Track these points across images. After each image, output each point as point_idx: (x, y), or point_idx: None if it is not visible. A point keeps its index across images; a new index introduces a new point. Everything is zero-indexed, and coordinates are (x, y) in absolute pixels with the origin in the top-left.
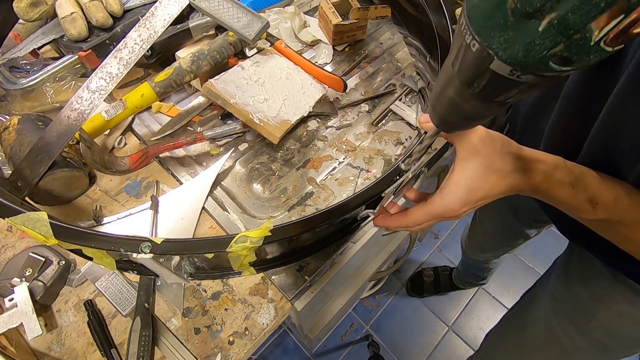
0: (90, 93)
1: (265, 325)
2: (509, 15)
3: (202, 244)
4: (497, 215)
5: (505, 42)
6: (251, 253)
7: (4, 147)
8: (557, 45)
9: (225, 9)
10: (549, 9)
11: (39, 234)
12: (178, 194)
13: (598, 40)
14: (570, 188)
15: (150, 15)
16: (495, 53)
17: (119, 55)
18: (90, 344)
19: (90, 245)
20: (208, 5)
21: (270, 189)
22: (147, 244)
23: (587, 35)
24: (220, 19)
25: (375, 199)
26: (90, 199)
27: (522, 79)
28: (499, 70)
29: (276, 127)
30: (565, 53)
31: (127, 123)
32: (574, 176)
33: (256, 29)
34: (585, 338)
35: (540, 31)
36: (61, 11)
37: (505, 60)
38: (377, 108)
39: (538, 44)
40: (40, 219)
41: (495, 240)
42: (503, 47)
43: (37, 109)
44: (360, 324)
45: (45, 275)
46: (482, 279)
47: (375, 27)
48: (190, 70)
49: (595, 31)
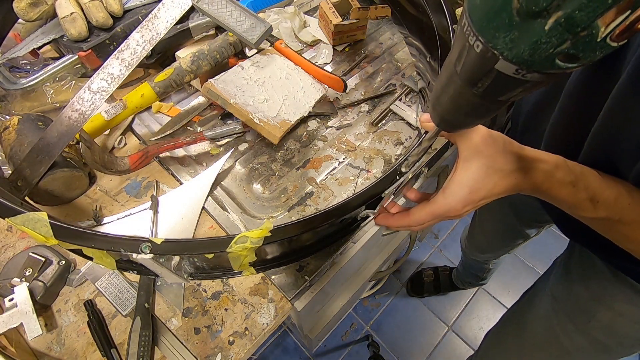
0: (92, 94)
1: (265, 325)
2: (514, 15)
3: (202, 245)
4: (497, 215)
5: (510, 42)
6: (251, 253)
7: (4, 147)
8: (564, 43)
9: (228, 12)
10: (556, 7)
11: (39, 234)
12: (178, 194)
13: (604, 37)
14: (571, 187)
15: (153, 17)
16: (501, 53)
17: (120, 57)
18: (90, 344)
19: (90, 245)
20: (211, 8)
21: (270, 189)
22: (147, 245)
23: (594, 32)
24: (223, 22)
25: (375, 199)
26: (90, 199)
27: (527, 78)
28: (504, 70)
29: (276, 127)
30: (571, 50)
31: (127, 123)
32: (574, 175)
33: (259, 33)
34: (585, 338)
35: (547, 30)
36: (61, 11)
37: (511, 60)
38: (377, 108)
39: (544, 43)
40: (40, 219)
41: (495, 240)
42: (508, 47)
43: (37, 109)
44: (360, 324)
45: (45, 275)
46: (482, 279)
47: (375, 27)
48: (190, 70)
49: (601, 28)
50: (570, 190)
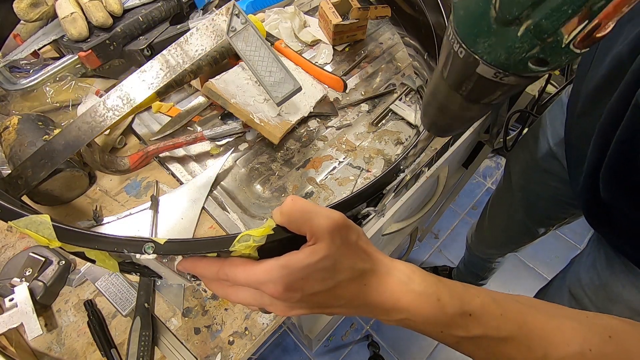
0: (106, 110)
1: (265, 325)
2: (492, 23)
3: (204, 244)
4: (507, 211)
5: (489, 47)
6: (254, 252)
7: (4, 147)
8: (534, 48)
9: (261, 58)
10: (526, 16)
11: (42, 237)
12: (178, 194)
13: (568, 43)
14: (435, 300)
15: (184, 42)
16: (481, 57)
17: (142, 77)
18: (90, 344)
19: (93, 247)
20: (244, 46)
21: (270, 189)
22: (151, 245)
23: (559, 38)
24: (252, 65)
25: (377, 195)
26: (90, 199)
27: (505, 81)
28: (485, 73)
29: (277, 127)
30: (541, 55)
31: (127, 123)
32: (434, 286)
33: (285, 92)
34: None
35: (519, 36)
36: (61, 11)
37: (490, 64)
38: (377, 108)
39: (518, 47)
40: (43, 221)
41: (503, 236)
42: (487, 52)
43: (37, 109)
44: (360, 324)
45: (45, 275)
46: (482, 279)
47: (375, 27)
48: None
49: (565, 35)
50: (435, 303)
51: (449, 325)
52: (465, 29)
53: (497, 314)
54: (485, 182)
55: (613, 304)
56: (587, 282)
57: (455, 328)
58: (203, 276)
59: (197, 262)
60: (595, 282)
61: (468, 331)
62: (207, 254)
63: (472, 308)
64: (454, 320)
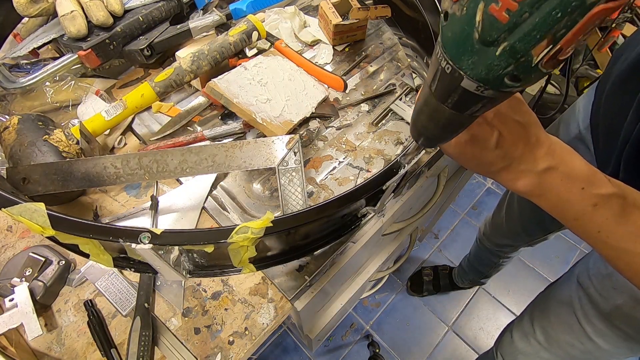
0: (139, 168)
1: (265, 325)
2: (475, 44)
3: (202, 235)
4: (527, 202)
5: (472, 64)
6: (252, 246)
7: (4, 147)
8: (509, 66)
9: (296, 198)
10: (503, 39)
11: (36, 225)
12: (178, 194)
13: (537, 63)
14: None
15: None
16: (465, 72)
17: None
18: (90, 344)
19: (88, 235)
20: (285, 182)
21: (270, 189)
22: (146, 234)
23: (529, 59)
24: (283, 200)
25: (376, 191)
26: (90, 199)
27: (485, 94)
28: (468, 87)
29: (279, 127)
30: (515, 72)
31: (127, 123)
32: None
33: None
34: (606, 324)
35: (497, 55)
36: (61, 9)
37: (472, 78)
38: (377, 108)
39: (496, 65)
40: (37, 209)
41: (519, 225)
42: (471, 68)
43: (37, 108)
44: (360, 324)
45: (45, 275)
46: (484, 277)
47: (375, 27)
48: (190, 70)
49: (534, 56)
50: (582, 160)
51: (592, 182)
52: (453, 49)
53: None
54: (485, 182)
55: (618, 293)
56: (595, 272)
57: (597, 184)
58: None
59: None
60: (602, 272)
61: (608, 188)
62: (205, 244)
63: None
64: (597, 176)
